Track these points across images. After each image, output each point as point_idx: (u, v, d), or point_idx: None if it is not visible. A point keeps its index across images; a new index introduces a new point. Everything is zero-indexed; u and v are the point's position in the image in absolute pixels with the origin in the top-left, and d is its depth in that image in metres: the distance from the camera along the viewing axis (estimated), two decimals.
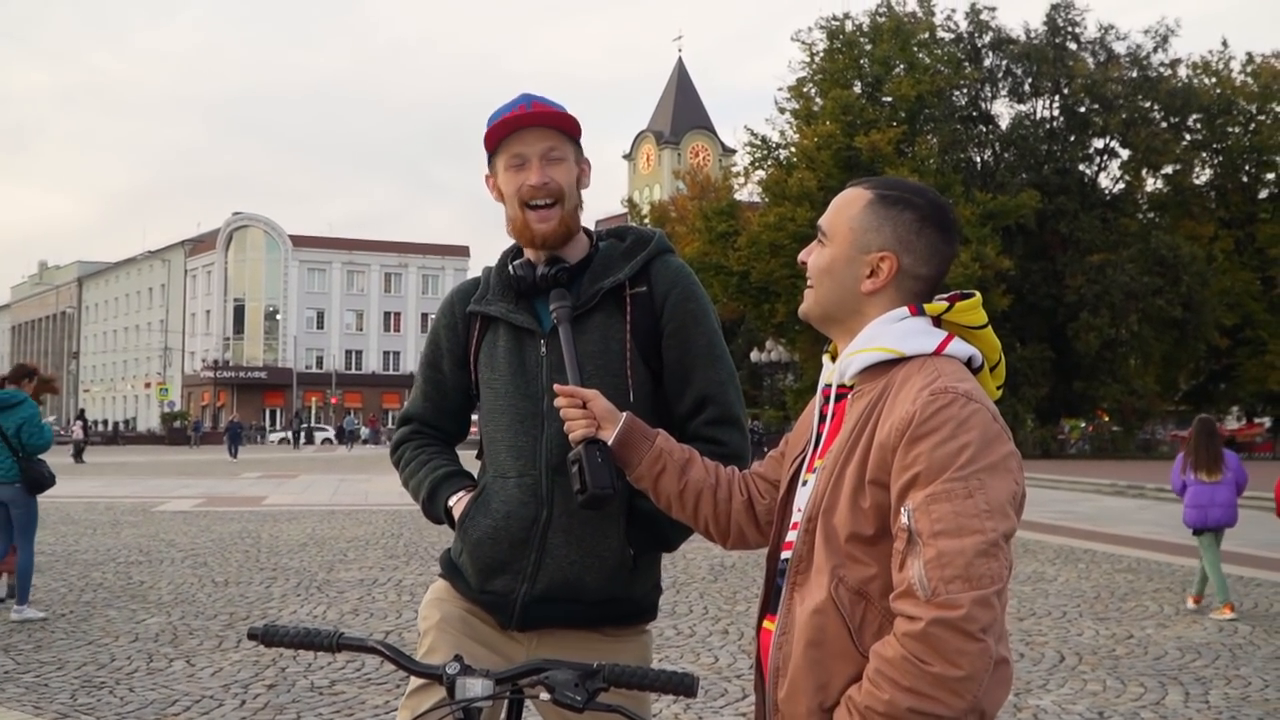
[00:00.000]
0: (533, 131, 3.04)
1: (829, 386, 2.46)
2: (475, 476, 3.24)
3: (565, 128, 3.08)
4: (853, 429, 2.30)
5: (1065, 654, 9.40)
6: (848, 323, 2.42)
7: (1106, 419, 63.39)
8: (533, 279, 3.09)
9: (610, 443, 2.69)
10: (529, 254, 3.15)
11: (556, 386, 2.76)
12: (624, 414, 2.73)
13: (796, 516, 2.39)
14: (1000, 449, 2.18)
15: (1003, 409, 11.13)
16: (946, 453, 2.13)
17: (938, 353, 2.33)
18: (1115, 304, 53.82)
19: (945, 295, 2.42)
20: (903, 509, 2.14)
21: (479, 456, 3.25)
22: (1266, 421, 71.49)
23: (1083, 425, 66.76)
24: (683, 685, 2.39)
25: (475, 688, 2.43)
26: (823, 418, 2.46)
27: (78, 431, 51.35)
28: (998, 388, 2.44)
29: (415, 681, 3.03)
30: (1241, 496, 12.11)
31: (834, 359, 2.48)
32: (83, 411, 67.88)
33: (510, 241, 3.26)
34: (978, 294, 2.42)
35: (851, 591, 2.22)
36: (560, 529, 3.01)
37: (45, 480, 11.30)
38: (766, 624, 2.44)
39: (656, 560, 3.22)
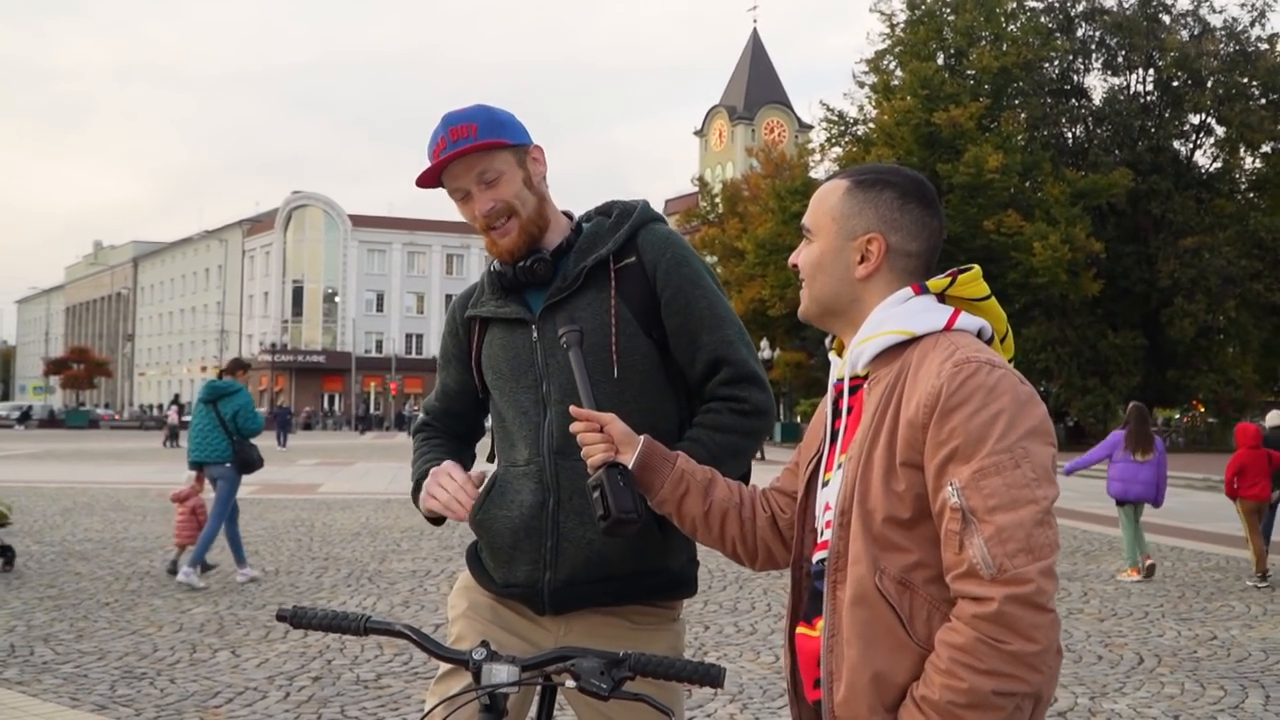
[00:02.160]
0: (459, 164, 3.10)
1: (841, 381, 2.49)
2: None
3: (487, 144, 3.09)
4: (874, 414, 2.33)
5: (1144, 656, 9.35)
6: (849, 313, 2.47)
7: (1202, 410, 62.70)
8: (512, 274, 3.17)
9: (630, 466, 2.71)
10: None
11: (572, 409, 2.81)
12: (642, 437, 2.75)
13: (826, 516, 2.42)
14: (1035, 412, 2.23)
15: (1093, 398, 11.07)
16: (982, 422, 2.18)
17: (948, 328, 2.37)
18: (1211, 289, 53.17)
19: (950, 272, 2.46)
20: (948, 486, 2.18)
21: (490, 459, 3.35)
22: None
23: (1177, 416, 66.03)
24: (709, 676, 2.44)
25: (501, 674, 2.50)
26: (838, 412, 2.49)
27: (173, 416, 52.27)
28: (1009, 359, 2.46)
29: (444, 668, 3.12)
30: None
31: (840, 354, 2.53)
32: (177, 396, 68.80)
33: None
34: (977, 266, 2.48)
35: (895, 581, 2.25)
36: (572, 511, 3.07)
37: (255, 462, 13.05)
38: (802, 629, 2.47)
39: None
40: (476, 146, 3.07)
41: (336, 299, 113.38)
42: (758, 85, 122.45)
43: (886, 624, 2.25)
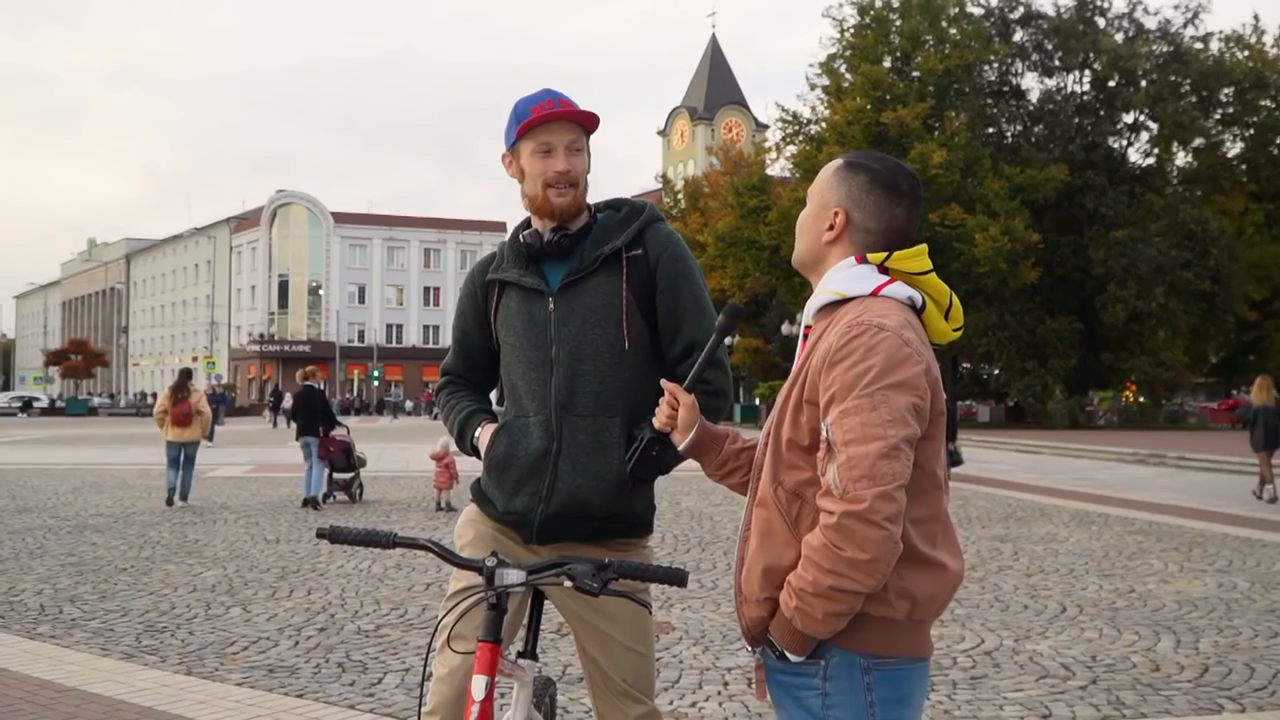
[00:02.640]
0: (561, 124, 3.53)
1: (809, 326, 2.88)
2: (499, 414, 3.75)
3: (587, 124, 3.57)
4: (803, 359, 2.74)
5: (1067, 605, 9.79)
6: (817, 268, 2.85)
7: (1135, 390, 63.37)
8: (540, 245, 3.59)
9: (681, 448, 3.13)
10: (537, 224, 3.64)
11: (664, 383, 3.18)
12: (698, 424, 3.12)
13: None
14: (904, 369, 2.55)
15: (1031, 380, 11.80)
16: (856, 374, 2.52)
17: (875, 294, 2.69)
18: (1142, 277, 53.79)
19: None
20: (823, 423, 2.56)
21: (500, 403, 3.78)
22: None
23: (1110, 396, 66.70)
24: (676, 577, 2.96)
25: (511, 576, 2.98)
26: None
27: (288, 401, 52.47)
28: (955, 330, 2.82)
29: (454, 585, 3.57)
30: None
31: None
32: (277, 387, 68.91)
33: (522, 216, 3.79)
34: (923, 245, 2.81)
35: (789, 492, 2.65)
36: (569, 458, 3.51)
37: None
38: None
39: (650, 483, 3.67)
40: (588, 115, 3.54)
41: (320, 292, 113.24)
42: (717, 87, 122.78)
43: (778, 524, 2.64)
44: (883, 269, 2.75)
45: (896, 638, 2.61)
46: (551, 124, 3.53)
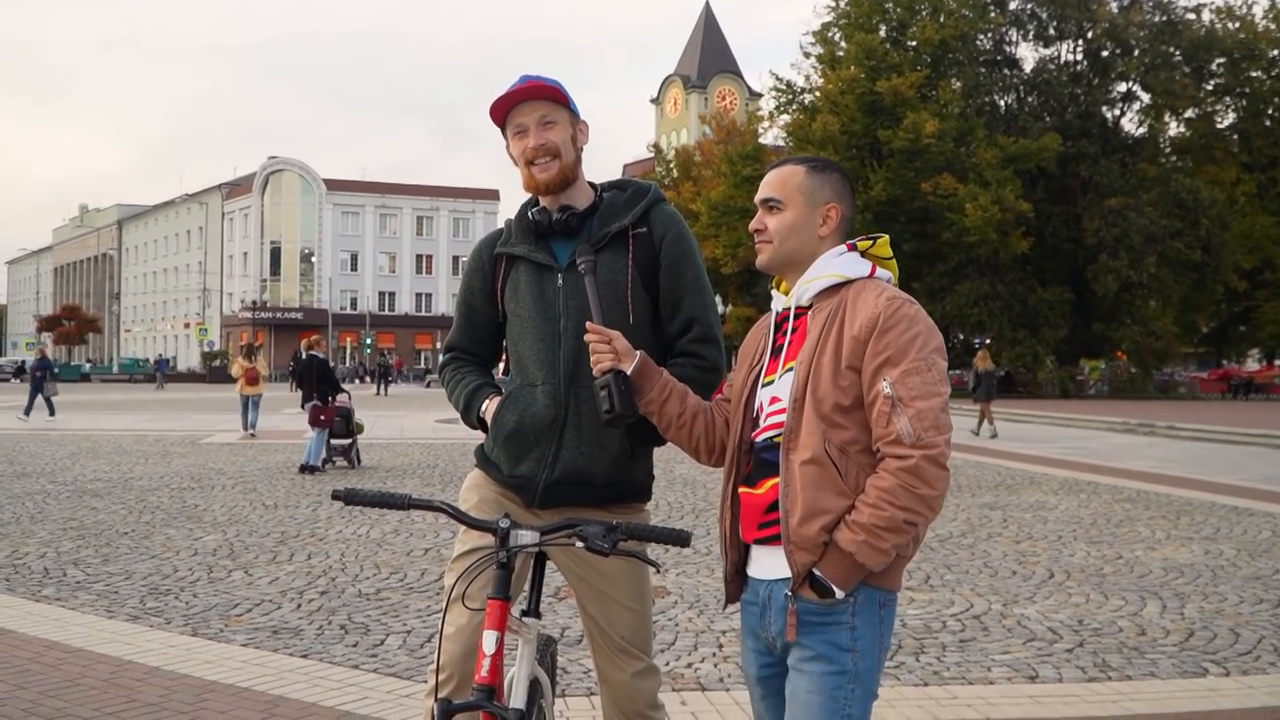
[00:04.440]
0: (528, 104, 3.68)
1: (786, 310, 3.22)
2: (503, 388, 3.87)
3: (555, 97, 3.69)
4: (820, 332, 3.07)
5: (1055, 571, 9.94)
6: (805, 263, 3.22)
7: (1125, 360, 63.50)
8: (548, 222, 3.73)
9: (629, 373, 3.34)
10: (544, 202, 3.77)
11: (588, 325, 3.39)
12: (639, 352, 3.37)
13: (772, 408, 3.13)
14: (938, 336, 3.04)
15: (1022, 349, 12.83)
16: (908, 339, 2.96)
17: (870, 275, 3.17)
18: (1134, 246, 53.82)
19: (863, 237, 3.23)
20: (882, 381, 2.93)
21: (505, 373, 3.92)
22: None
23: (1101, 366, 66.82)
24: (680, 538, 3.17)
25: (525, 537, 3.19)
26: (783, 334, 3.21)
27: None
28: None
29: (460, 547, 3.71)
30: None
31: (784, 291, 3.27)
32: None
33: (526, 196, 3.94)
34: (887, 236, 3.25)
35: (836, 448, 2.99)
36: (573, 427, 3.66)
37: None
38: (744, 490, 3.18)
39: (649, 451, 3.84)
40: (546, 89, 3.66)
41: (313, 259, 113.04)
42: (710, 56, 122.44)
43: (831, 476, 2.99)
44: (862, 254, 3.20)
45: (897, 574, 3.08)
46: (519, 105, 3.68)
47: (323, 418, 18.26)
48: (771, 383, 3.16)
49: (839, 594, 2.97)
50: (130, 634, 7.39)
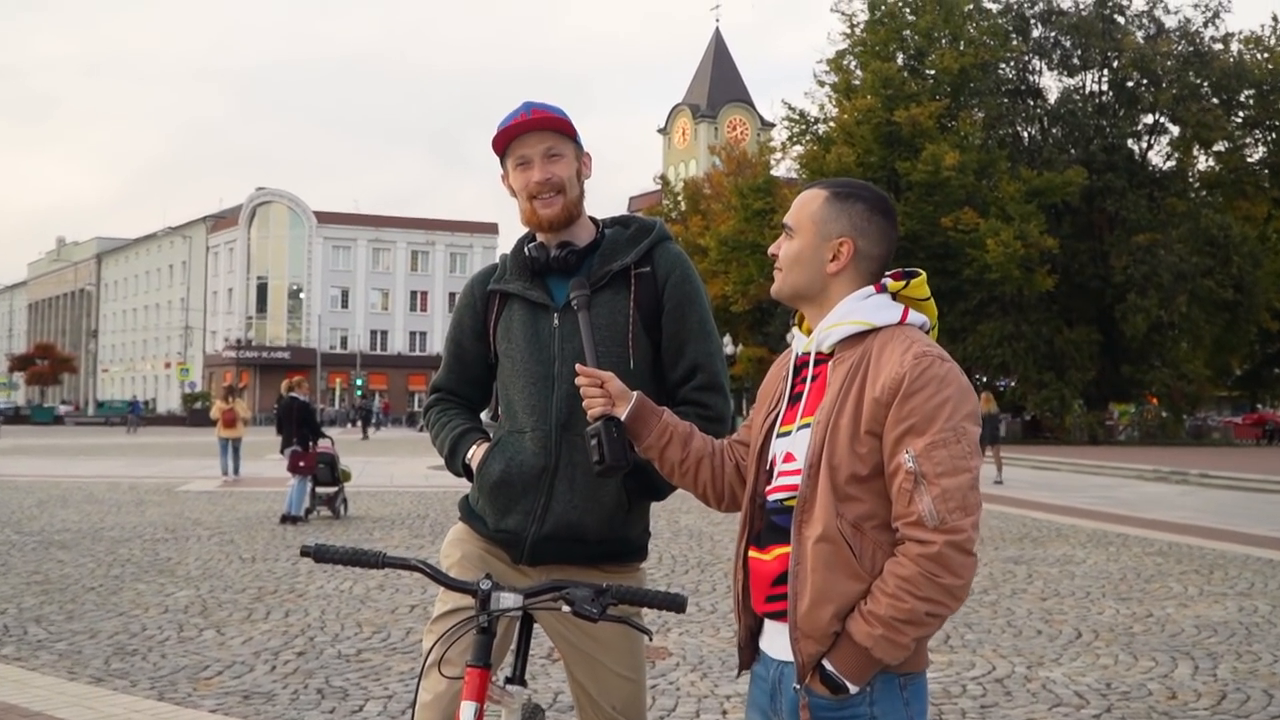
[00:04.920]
0: (533, 135, 3.62)
1: (806, 354, 3.00)
2: (491, 433, 3.79)
3: (561, 129, 3.64)
4: (840, 388, 2.86)
5: (1082, 631, 9.83)
6: (817, 299, 3.00)
7: (1156, 404, 63.33)
8: (545, 259, 3.66)
9: (624, 418, 3.21)
10: (541, 238, 3.71)
11: (578, 367, 3.28)
12: (635, 393, 3.23)
13: (785, 465, 2.94)
14: (971, 399, 2.80)
15: (1049, 393, 12.31)
16: (935, 405, 2.73)
17: (901, 322, 2.92)
18: (1164, 285, 53.63)
19: (891, 273, 2.99)
20: (904, 453, 2.72)
21: (494, 418, 3.82)
22: None
23: (1131, 410, 66.65)
24: (675, 603, 3.05)
25: (508, 599, 3.06)
26: (800, 380, 3.01)
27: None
28: None
29: (440, 608, 3.62)
30: None
31: (804, 330, 3.06)
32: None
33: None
34: (923, 273, 2.99)
35: (851, 525, 2.79)
36: (565, 478, 3.57)
37: None
38: (754, 553, 2.99)
39: (647, 507, 3.76)
40: (553, 119, 3.61)
41: (301, 295, 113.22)
42: (720, 84, 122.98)
43: (844, 557, 2.77)
44: (893, 295, 2.96)
45: (920, 653, 2.85)
46: (524, 135, 3.63)
47: (302, 464, 18.15)
48: (788, 434, 2.98)
49: (852, 689, 2.79)
50: (93, 697, 7.28)
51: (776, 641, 2.93)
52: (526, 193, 3.64)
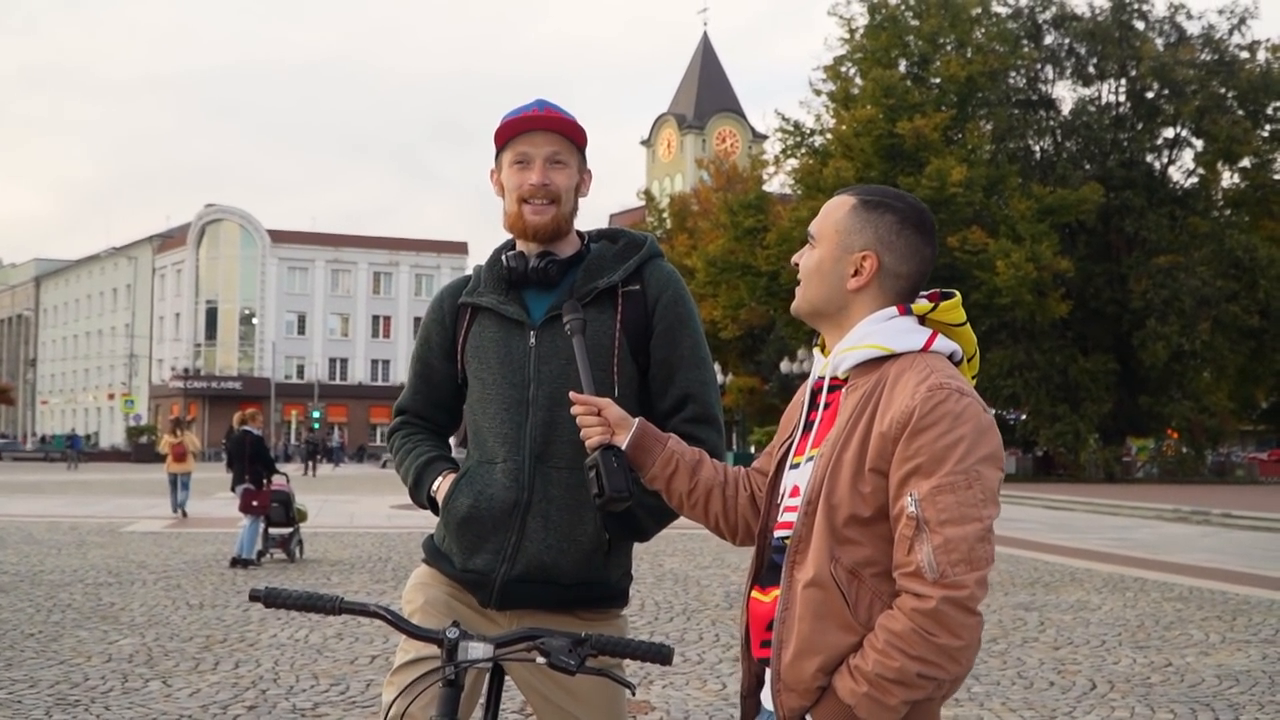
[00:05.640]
0: (541, 134, 3.61)
1: (821, 379, 2.97)
2: (459, 463, 3.77)
3: (572, 135, 3.64)
4: (849, 419, 2.81)
5: (1097, 682, 9.87)
6: (835, 318, 2.95)
7: (1176, 439, 63.37)
8: (524, 269, 3.63)
9: (624, 447, 3.18)
10: (521, 246, 3.69)
11: (572, 395, 3.26)
12: (636, 420, 3.22)
13: (791, 500, 2.91)
14: (991, 440, 2.71)
15: (1063, 426, 12.32)
16: (946, 445, 2.64)
17: (925, 349, 2.84)
18: (1185, 311, 53.83)
19: (926, 294, 2.94)
20: (908, 496, 2.65)
21: (462, 444, 3.79)
22: None
23: (1150, 446, 66.68)
24: (660, 654, 2.97)
25: (476, 650, 2.96)
26: (815, 406, 2.99)
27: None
28: (972, 378, 2.95)
29: (402, 657, 3.59)
30: None
31: (824, 352, 3.02)
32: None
33: (504, 238, 3.83)
34: (958, 294, 2.94)
35: (846, 570, 2.72)
36: (539, 514, 3.55)
37: None
38: (756, 594, 2.96)
39: (629, 548, 3.75)
40: (568, 124, 3.62)
41: (254, 320, 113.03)
42: (709, 92, 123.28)
43: (836, 606, 2.71)
44: (921, 319, 2.89)
45: (929, 714, 2.77)
46: (531, 133, 3.61)
47: (255, 504, 18.14)
48: (798, 466, 2.93)
49: None
50: None
51: (769, 691, 2.88)
52: (518, 194, 3.61)
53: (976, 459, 2.65)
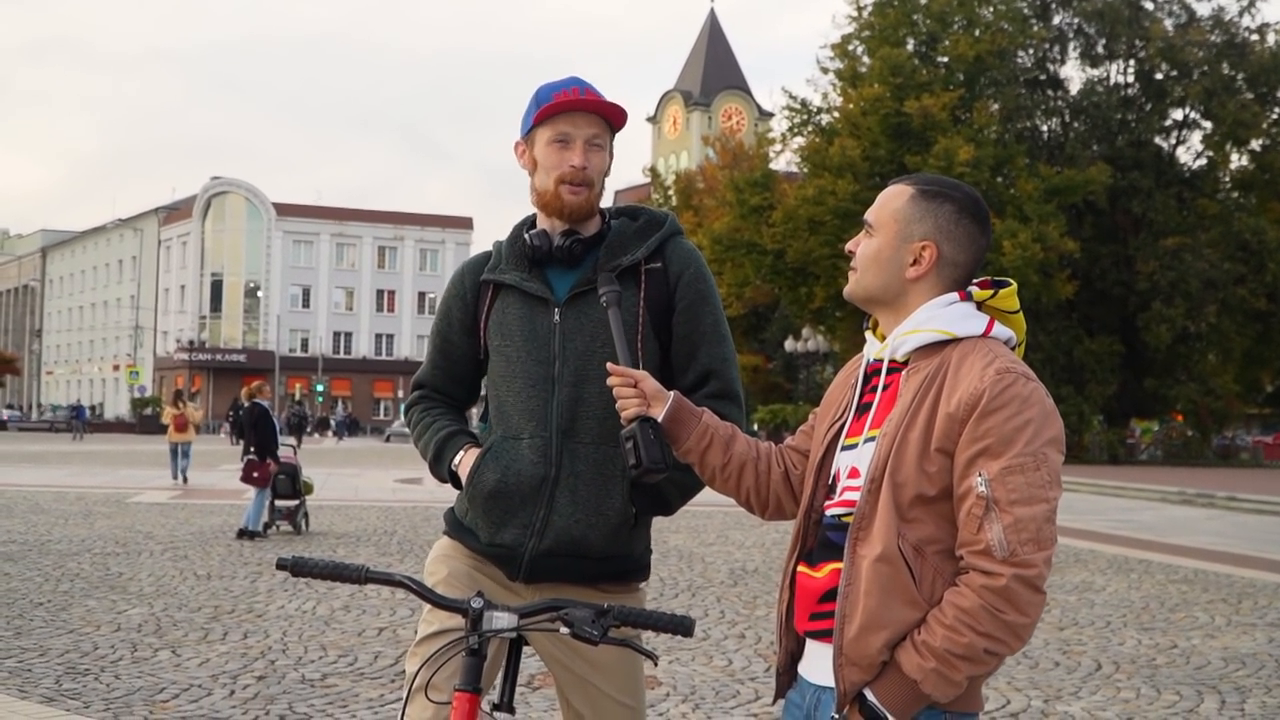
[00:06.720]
0: (584, 116, 3.64)
1: (879, 361, 3.01)
2: (478, 437, 3.80)
3: (613, 119, 3.69)
4: (913, 401, 2.86)
5: (1102, 663, 9.90)
6: (892, 305, 2.99)
7: (1181, 421, 63.33)
8: (548, 248, 3.66)
9: (660, 420, 3.21)
10: (544, 224, 3.72)
11: (610, 366, 3.27)
12: (672, 393, 3.24)
13: (850, 481, 2.94)
14: (1056, 424, 2.79)
15: (1067, 408, 12.49)
16: (1015, 427, 2.72)
17: (985, 334, 2.92)
18: (1192, 293, 53.59)
19: (979, 281, 3.00)
20: (976, 476, 2.71)
21: (482, 419, 3.84)
22: None
23: (1154, 428, 66.63)
24: (681, 626, 3.04)
25: (501, 620, 3.02)
26: (871, 388, 3.02)
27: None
28: None
29: (425, 629, 3.62)
30: None
31: (878, 336, 3.07)
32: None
33: (521, 214, 3.87)
34: (1013, 283, 3.00)
35: (912, 547, 2.77)
36: (567, 488, 3.58)
37: None
38: (803, 569, 3.00)
39: (651, 521, 3.78)
40: (615, 108, 3.66)
41: (259, 293, 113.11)
42: (715, 69, 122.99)
43: (903, 582, 2.76)
44: (978, 305, 2.96)
45: (974, 693, 2.84)
46: (573, 114, 3.63)
47: (255, 475, 18.17)
48: (854, 446, 2.97)
49: None
50: (45, 717, 7.36)
51: (817, 665, 2.93)
52: (558, 174, 3.62)
53: (1043, 441, 2.73)
